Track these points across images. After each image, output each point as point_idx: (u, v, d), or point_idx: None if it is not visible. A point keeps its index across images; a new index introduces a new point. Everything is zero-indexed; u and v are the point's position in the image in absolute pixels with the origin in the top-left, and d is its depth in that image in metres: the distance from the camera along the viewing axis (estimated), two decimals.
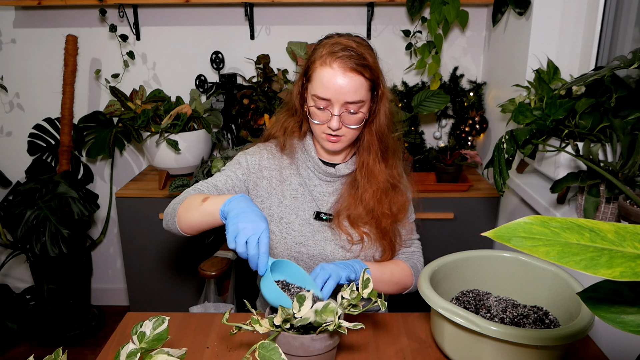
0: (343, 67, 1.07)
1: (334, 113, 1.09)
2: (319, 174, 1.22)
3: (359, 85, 1.08)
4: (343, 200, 1.21)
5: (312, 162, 1.22)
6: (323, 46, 1.11)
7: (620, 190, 1.16)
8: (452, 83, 2.27)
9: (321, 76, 1.08)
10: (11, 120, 2.42)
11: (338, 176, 1.22)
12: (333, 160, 1.24)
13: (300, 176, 1.23)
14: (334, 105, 1.09)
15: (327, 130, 1.12)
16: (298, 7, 2.26)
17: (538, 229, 0.45)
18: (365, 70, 1.08)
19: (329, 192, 1.23)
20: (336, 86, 1.07)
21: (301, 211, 1.21)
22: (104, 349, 1.03)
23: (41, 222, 2.05)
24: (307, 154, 1.22)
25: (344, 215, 1.19)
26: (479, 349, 0.88)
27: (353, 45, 1.09)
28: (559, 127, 1.35)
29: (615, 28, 1.58)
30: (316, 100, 1.11)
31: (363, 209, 1.19)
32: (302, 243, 1.20)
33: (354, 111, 1.10)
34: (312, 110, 1.13)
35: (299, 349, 0.87)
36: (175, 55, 2.33)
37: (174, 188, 1.97)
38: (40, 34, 2.30)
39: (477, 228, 2.03)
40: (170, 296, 2.17)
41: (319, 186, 1.23)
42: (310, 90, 1.13)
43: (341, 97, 1.08)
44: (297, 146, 1.24)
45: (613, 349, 1.15)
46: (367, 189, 1.18)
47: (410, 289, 1.26)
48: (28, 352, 2.26)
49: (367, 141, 1.19)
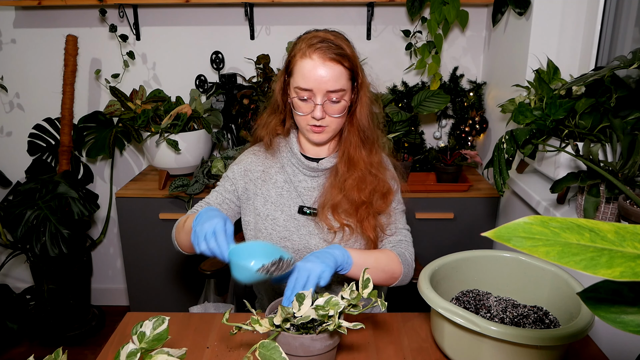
0: (322, 57, 1.11)
1: (317, 102, 1.13)
2: (302, 169, 1.25)
3: (339, 74, 1.12)
4: (326, 192, 1.23)
5: (296, 159, 1.25)
6: (302, 40, 1.16)
7: (620, 190, 1.16)
8: (452, 83, 2.27)
9: (302, 68, 1.12)
10: (11, 120, 2.42)
11: (321, 170, 1.25)
12: (318, 156, 1.27)
13: (286, 173, 1.27)
14: (316, 95, 1.13)
15: (312, 121, 1.15)
16: (298, 7, 2.26)
17: (538, 229, 0.45)
18: (344, 59, 1.12)
19: (313, 186, 1.26)
20: (317, 76, 1.11)
21: (286, 207, 1.24)
22: (104, 349, 1.03)
23: (41, 222, 2.05)
24: (291, 151, 1.25)
25: (327, 206, 1.21)
26: (479, 349, 0.88)
27: (330, 37, 1.14)
28: (559, 127, 1.35)
29: (615, 28, 1.58)
30: (298, 92, 1.14)
31: (344, 198, 1.21)
32: (287, 238, 1.23)
33: (336, 99, 1.14)
34: (295, 102, 1.16)
35: (299, 349, 0.87)
36: (175, 55, 2.33)
37: (174, 188, 1.97)
38: (40, 34, 2.30)
39: (477, 228, 2.03)
40: (170, 296, 2.17)
41: (304, 181, 1.26)
42: (292, 84, 1.16)
43: (322, 86, 1.11)
44: (282, 144, 1.28)
45: (613, 349, 1.15)
46: (347, 177, 1.21)
47: (400, 280, 1.22)
48: (28, 352, 2.26)
49: (347, 132, 1.23)
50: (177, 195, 2.01)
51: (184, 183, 1.99)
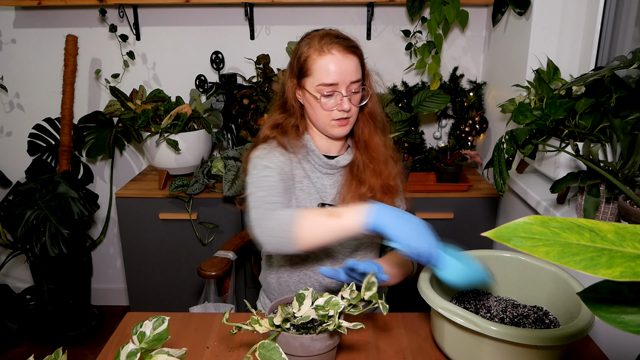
0: (342, 50, 1.15)
1: (344, 94, 1.16)
2: (319, 166, 1.26)
3: (357, 65, 1.18)
4: (345, 186, 1.26)
5: (314, 155, 1.25)
6: (312, 40, 1.17)
7: (620, 190, 1.16)
8: (452, 83, 2.27)
9: (324, 64, 1.14)
10: (11, 120, 2.42)
11: (338, 167, 1.27)
12: (331, 153, 1.28)
13: (303, 169, 1.27)
14: (341, 88, 1.16)
15: (337, 115, 1.17)
16: (298, 7, 2.26)
17: (538, 229, 0.45)
18: (357, 50, 1.19)
19: (330, 184, 1.27)
20: (342, 68, 1.14)
21: (308, 203, 1.25)
22: (104, 349, 1.03)
23: (41, 222, 2.05)
24: (308, 149, 1.26)
25: (347, 200, 1.23)
26: (479, 349, 0.88)
27: (340, 33, 1.20)
28: (559, 127, 1.35)
29: (615, 28, 1.58)
30: (322, 88, 1.15)
31: (366, 188, 1.24)
32: None
33: (355, 90, 1.18)
34: (316, 101, 1.17)
35: (299, 349, 0.87)
36: (175, 55, 2.33)
37: (174, 188, 1.97)
38: (40, 34, 2.30)
39: (477, 228, 2.03)
40: (170, 296, 2.17)
41: (321, 179, 1.27)
42: (312, 84, 1.17)
43: (347, 77, 1.15)
44: (297, 144, 1.27)
45: (613, 349, 1.15)
46: (367, 164, 1.25)
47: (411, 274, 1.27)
48: (28, 352, 2.26)
49: (360, 121, 1.26)
50: (177, 195, 2.01)
51: (184, 183, 1.99)
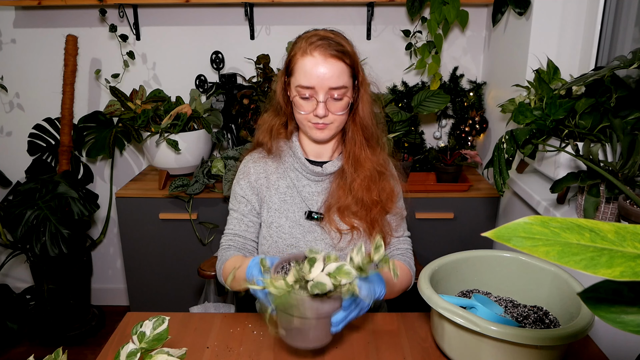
0: (323, 54, 1.10)
1: (320, 100, 1.12)
2: (306, 174, 1.23)
3: (341, 71, 1.12)
4: (333, 194, 1.22)
5: (300, 163, 1.23)
6: (301, 39, 1.15)
7: (620, 190, 1.16)
8: (452, 83, 2.27)
9: (303, 66, 1.11)
10: (11, 120, 2.42)
11: (325, 175, 1.23)
12: (321, 159, 1.25)
13: (289, 178, 1.24)
14: (319, 93, 1.12)
15: (314, 119, 1.14)
16: (298, 7, 2.26)
17: (538, 229, 0.45)
18: (345, 56, 1.12)
19: (317, 191, 1.24)
20: (319, 73, 1.10)
21: (291, 213, 1.22)
22: (104, 349, 1.03)
23: (41, 222, 2.05)
24: (294, 156, 1.23)
25: (334, 209, 1.20)
26: (479, 349, 0.88)
27: (330, 35, 1.14)
28: (559, 127, 1.35)
29: (615, 28, 1.58)
30: (300, 90, 1.13)
31: (352, 199, 1.20)
32: (294, 245, 1.21)
33: (338, 97, 1.13)
34: (297, 101, 1.15)
35: (308, 311, 0.86)
36: (175, 55, 2.33)
37: (174, 188, 1.97)
38: (40, 34, 2.30)
39: (477, 228, 2.03)
40: (170, 296, 2.17)
41: (308, 186, 1.24)
42: (293, 83, 1.15)
43: (325, 83, 1.10)
44: (284, 148, 1.26)
45: (613, 349, 1.15)
46: (355, 177, 1.20)
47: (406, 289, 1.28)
48: (28, 352, 2.26)
49: (351, 132, 1.22)
50: (177, 195, 2.01)
51: (184, 183, 1.99)
